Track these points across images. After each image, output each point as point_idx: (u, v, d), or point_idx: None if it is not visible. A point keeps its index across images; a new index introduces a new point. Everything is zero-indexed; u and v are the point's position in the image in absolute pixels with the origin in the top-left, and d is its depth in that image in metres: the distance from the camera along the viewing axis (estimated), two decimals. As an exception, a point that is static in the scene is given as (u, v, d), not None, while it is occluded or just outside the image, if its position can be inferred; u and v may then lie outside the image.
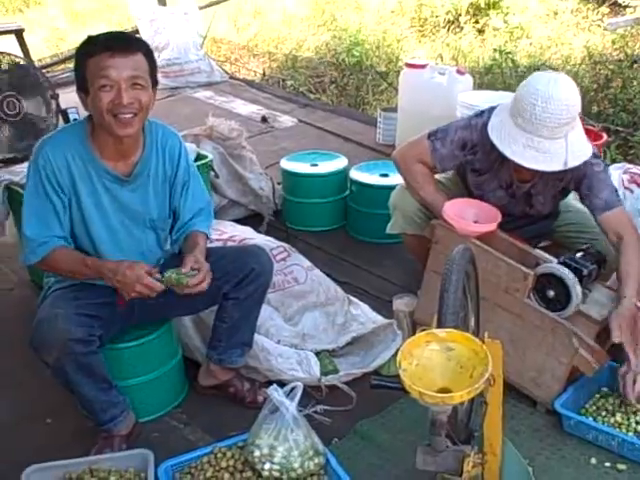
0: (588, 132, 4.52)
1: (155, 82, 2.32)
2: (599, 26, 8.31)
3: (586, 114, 5.74)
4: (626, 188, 3.56)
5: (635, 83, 6.16)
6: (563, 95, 2.56)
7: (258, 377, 2.79)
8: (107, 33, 2.31)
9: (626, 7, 8.91)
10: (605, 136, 4.55)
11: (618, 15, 8.79)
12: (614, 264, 2.76)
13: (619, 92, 6.10)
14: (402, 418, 2.64)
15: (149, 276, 2.27)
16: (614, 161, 4.82)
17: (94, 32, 2.30)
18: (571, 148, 2.62)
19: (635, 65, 6.42)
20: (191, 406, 2.73)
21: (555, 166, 2.63)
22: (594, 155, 2.78)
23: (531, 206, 3.01)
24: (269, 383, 2.59)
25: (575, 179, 2.82)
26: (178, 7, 6.92)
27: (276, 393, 2.30)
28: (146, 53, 2.26)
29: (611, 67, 6.43)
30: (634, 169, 3.69)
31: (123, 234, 2.43)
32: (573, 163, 2.64)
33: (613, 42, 7.30)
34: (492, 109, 2.84)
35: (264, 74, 7.16)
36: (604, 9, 8.88)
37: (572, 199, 3.13)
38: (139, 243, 2.48)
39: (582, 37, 7.68)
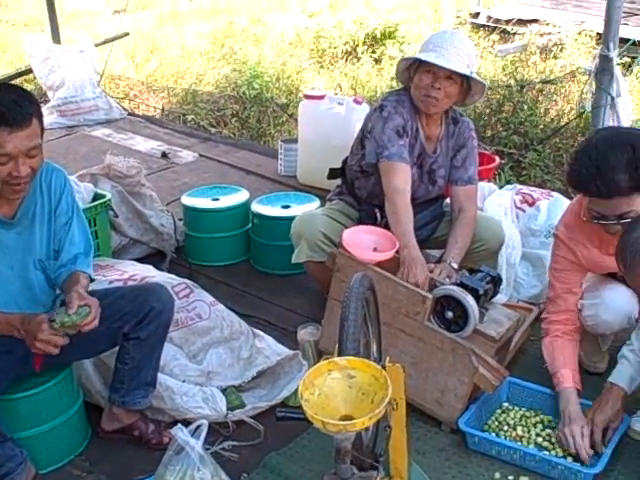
0: (482, 156, 4.70)
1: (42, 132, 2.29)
2: (490, 53, 8.63)
3: (480, 138, 5.94)
4: (518, 208, 3.69)
5: (525, 107, 6.41)
6: (465, 36, 3.21)
7: (164, 417, 2.75)
8: None
9: (514, 34, 9.30)
10: (498, 159, 4.73)
11: (507, 42, 9.16)
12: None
13: (511, 116, 6.34)
14: (311, 448, 2.64)
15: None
16: (508, 182, 4.99)
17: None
18: (475, 73, 3.06)
19: (524, 90, 6.68)
20: (94, 452, 2.65)
21: (462, 69, 2.96)
22: (476, 130, 3.30)
23: (434, 183, 3.22)
24: (175, 423, 2.56)
25: (457, 146, 3.21)
26: (73, 45, 6.81)
27: (181, 433, 2.27)
28: (37, 112, 2.23)
29: (502, 92, 6.67)
30: (525, 189, 3.84)
31: (12, 278, 2.37)
32: (477, 77, 3.06)
33: (503, 68, 7.58)
34: (387, 98, 3.16)
35: (163, 110, 7.12)
36: (494, 36, 9.23)
37: None
38: (30, 286, 2.42)
39: (476, 64, 7.96)
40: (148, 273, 3.17)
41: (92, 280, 2.56)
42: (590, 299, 2.82)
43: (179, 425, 2.30)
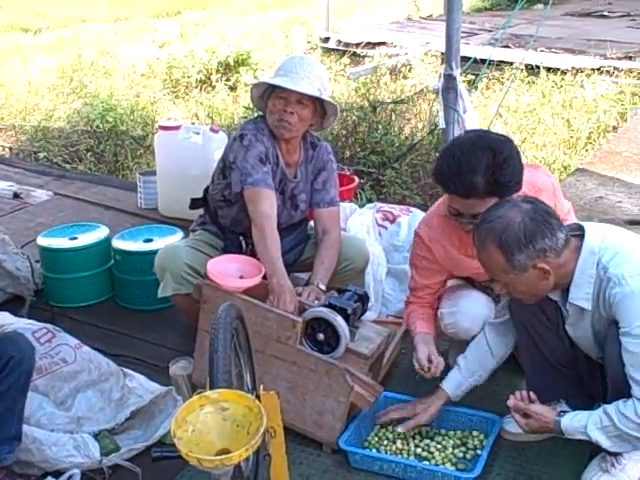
0: (342, 177, 4.79)
1: None
2: (343, 75, 8.84)
3: (339, 159, 6.05)
4: (380, 225, 3.78)
5: (380, 127, 6.59)
6: (316, 60, 3.18)
7: (34, 471, 2.59)
8: None
9: (364, 57, 9.59)
10: (357, 179, 4.83)
11: (358, 64, 9.43)
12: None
13: (367, 136, 6.50)
14: (192, 486, 2.58)
15: None
16: (369, 201, 5.10)
17: None
18: (325, 95, 3.07)
19: (377, 110, 6.87)
20: (-42, 518, 2.49)
21: (312, 91, 2.99)
22: (334, 152, 3.36)
23: (296, 207, 3.23)
24: (46, 475, 2.44)
25: (316, 169, 3.24)
26: None
27: (51, 486, 2.16)
28: None
29: (357, 113, 6.83)
30: (385, 207, 3.94)
31: None
32: (327, 98, 3.08)
33: (356, 90, 7.78)
34: (246, 126, 3.15)
35: (11, 149, 6.83)
36: (345, 60, 9.47)
37: None
38: None
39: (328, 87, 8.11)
40: (4, 321, 3.01)
41: None
42: (448, 307, 2.93)
43: (49, 478, 2.19)
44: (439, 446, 2.70)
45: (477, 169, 2.53)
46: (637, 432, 2.25)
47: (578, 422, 2.36)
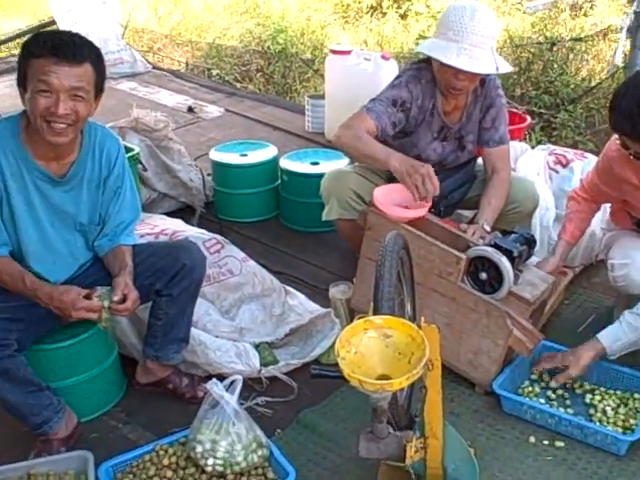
0: (513, 115, 4.62)
1: (101, 90, 2.25)
2: (518, 9, 8.45)
3: (510, 97, 5.84)
4: (551, 169, 3.64)
5: (555, 66, 6.29)
6: (485, 9, 2.85)
7: (197, 372, 2.76)
8: (57, 33, 2.26)
9: (543, -9, 9.10)
10: (529, 119, 4.65)
11: (534, -1, 8.97)
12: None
13: (541, 75, 6.23)
14: (344, 406, 2.64)
15: (87, 299, 2.24)
16: (539, 143, 4.92)
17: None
18: (498, 59, 2.84)
19: (554, 48, 6.55)
20: (130, 404, 2.68)
21: (488, 69, 2.81)
22: (502, 87, 3.14)
23: (463, 148, 3.14)
24: (209, 377, 2.57)
25: (484, 107, 3.07)
26: (95, -5, 6.74)
27: (216, 387, 2.27)
28: (95, 62, 2.19)
29: (532, 50, 6.55)
30: (558, 150, 3.77)
31: (52, 234, 2.37)
32: (504, 69, 2.85)
33: (532, 25, 7.44)
34: (408, 69, 3.01)
35: (187, 64, 7.05)
36: (521, -8, 9.04)
37: None
38: (68, 246, 2.42)
39: (503, 21, 7.79)
40: (178, 227, 3.16)
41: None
42: (620, 259, 2.78)
43: (214, 380, 2.30)
44: (598, 404, 2.62)
45: None
46: None
47: None
